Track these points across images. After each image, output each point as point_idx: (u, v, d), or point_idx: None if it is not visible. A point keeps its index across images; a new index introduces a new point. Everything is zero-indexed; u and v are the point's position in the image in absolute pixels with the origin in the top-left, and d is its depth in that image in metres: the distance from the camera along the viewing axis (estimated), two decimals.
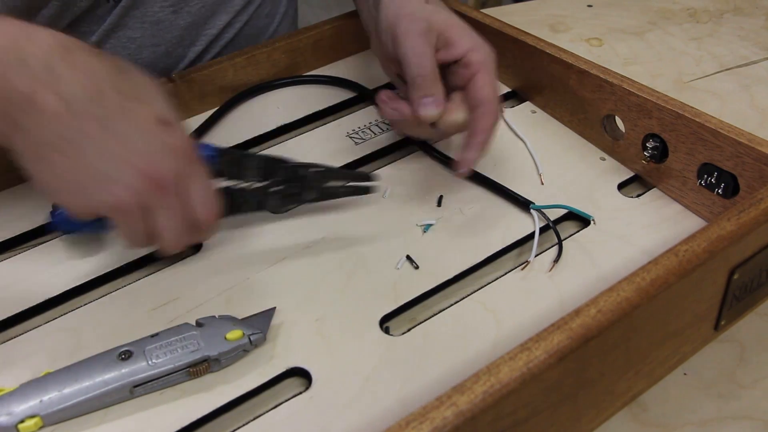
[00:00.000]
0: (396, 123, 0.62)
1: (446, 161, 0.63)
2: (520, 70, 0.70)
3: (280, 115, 0.70)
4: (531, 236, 0.57)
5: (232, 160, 0.53)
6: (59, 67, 0.44)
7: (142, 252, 0.56)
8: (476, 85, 0.56)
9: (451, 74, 0.57)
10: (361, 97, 0.73)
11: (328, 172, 0.56)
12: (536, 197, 0.60)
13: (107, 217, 0.46)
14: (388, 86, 0.71)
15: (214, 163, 0.51)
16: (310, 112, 0.71)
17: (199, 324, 0.49)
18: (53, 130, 0.44)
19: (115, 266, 0.56)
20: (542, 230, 0.58)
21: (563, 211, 0.59)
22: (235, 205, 0.54)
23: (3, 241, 0.58)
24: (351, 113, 0.71)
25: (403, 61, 0.55)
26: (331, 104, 0.72)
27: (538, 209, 0.57)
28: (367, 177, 0.58)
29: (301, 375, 0.48)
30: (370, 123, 0.69)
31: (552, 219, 0.58)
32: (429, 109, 0.55)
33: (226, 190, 0.53)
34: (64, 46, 0.45)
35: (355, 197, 0.59)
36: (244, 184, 0.54)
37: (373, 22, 0.61)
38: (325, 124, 0.70)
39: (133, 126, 0.45)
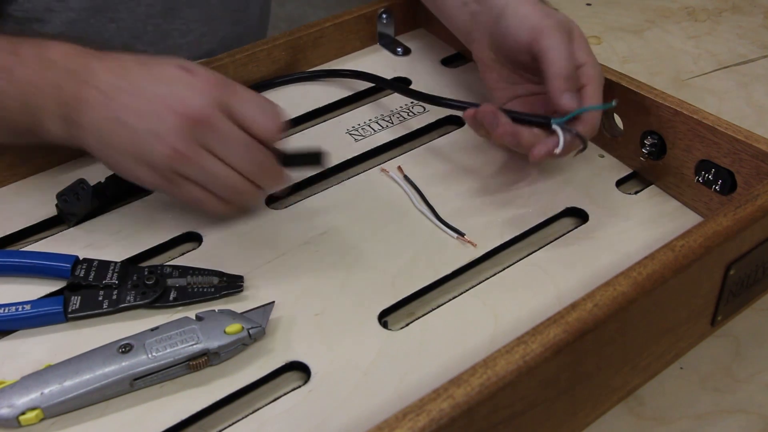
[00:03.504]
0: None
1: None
2: None
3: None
4: (529, 233, 0.58)
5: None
6: (94, 65, 0.52)
7: (145, 246, 0.56)
8: (585, 95, 0.56)
9: None
10: (372, 90, 0.73)
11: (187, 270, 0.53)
12: (536, 195, 0.61)
13: (179, 176, 0.51)
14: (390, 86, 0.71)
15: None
16: (310, 109, 0.71)
17: (198, 318, 0.49)
18: (101, 116, 0.51)
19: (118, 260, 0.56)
20: (542, 225, 0.58)
21: (562, 208, 0.60)
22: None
23: (9, 234, 0.58)
24: (351, 110, 0.71)
25: (546, 54, 0.56)
26: (331, 101, 0.72)
27: (560, 123, 0.55)
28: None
29: (300, 369, 0.49)
30: (369, 120, 0.69)
31: (551, 215, 0.59)
32: (570, 102, 0.55)
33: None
34: (94, 53, 0.53)
35: None
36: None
37: (481, 27, 0.62)
38: (324, 121, 0.70)
39: (158, 81, 0.51)
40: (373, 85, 0.73)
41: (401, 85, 0.72)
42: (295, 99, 0.72)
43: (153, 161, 0.51)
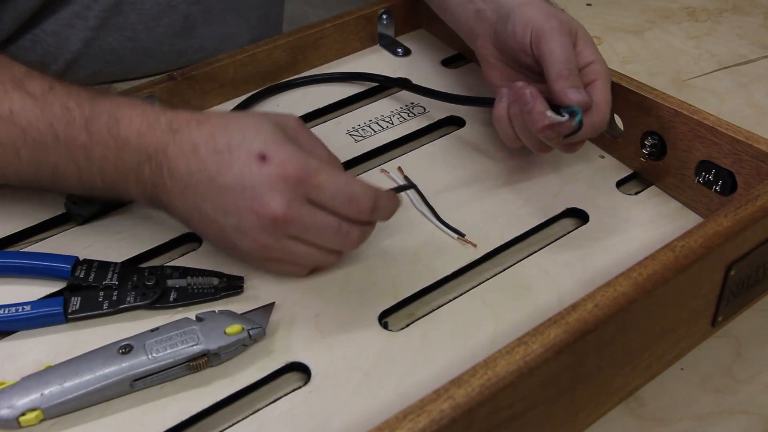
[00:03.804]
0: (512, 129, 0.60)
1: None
2: None
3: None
4: (529, 234, 0.58)
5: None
6: (168, 149, 0.50)
7: (145, 247, 0.56)
8: (595, 89, 0.56)
9: None
10: (372, 91, 0.73)
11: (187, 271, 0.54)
12: (536, 196, 0.61)
13: (269, 260, 0.52)
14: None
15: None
16: (311, 110, 0.71)
17: (199, 318, 0.49)
18: (182, 204, 0.51)
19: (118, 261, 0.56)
20: (542, 226, 0.58)
21: (562, 208, 0.60)
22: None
23: (9, 235, 0.58)
24: (351, 111, 0.71)
25: (548, 56, 0.56)
26: (331, 102, 0.72)
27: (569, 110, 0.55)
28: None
29: (300, 369, 0.49)
30: (370, 120, 0.69)
31: (552, 216, 0.59)
32: (576, 95, 0.55)
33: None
34: (166, 127, 0.51)
35: None
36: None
37: (486, 25, 0.62)
38: (325, 121, 0.70)
39: (233, 176, 0.48)
40: (373, 85, 0.73)
41: (428, 88, 0.71)
42: (295, 100, 0.72)
43: (243, 252, 0.51)
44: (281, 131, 0.50)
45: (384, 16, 0.78)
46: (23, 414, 0.44)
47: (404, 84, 0.72)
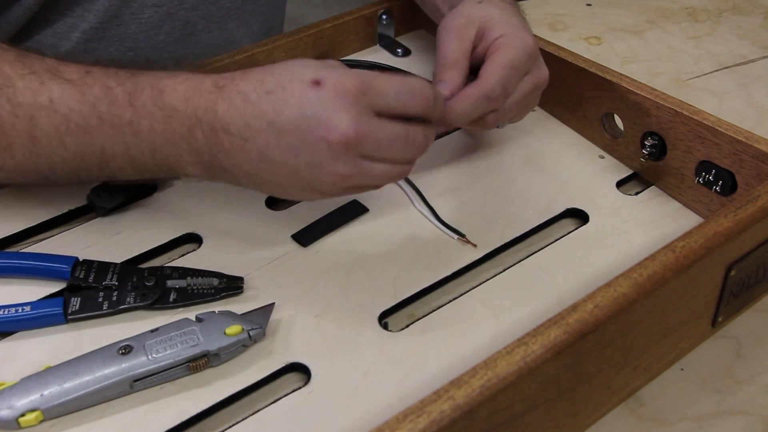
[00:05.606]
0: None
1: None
2: None
3: None
4: (529, 234, 0.58)
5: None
6: (217, 108, 0.48)
7: (145, 248, 0.56)
8: (485, 63, 0.55)
9: None
10: None
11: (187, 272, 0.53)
12: (536, 196, 0.61)
13: (350, 188, 0.49)
14: None
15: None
16: None
17: (198, 319, 0.49)
18: (244, 160, 0.48)
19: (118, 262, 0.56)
20: (542, 226, 0.58)
21: (562, 208, 0.60)
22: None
23: (9, 235, 0.58)
24: None
25: (437, 53, 0.56)
26: None
27: None
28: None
29: (300, 370, 0.49)
30: None
31: (552, 216, 0.59)
32: (439, 88, 0.54)
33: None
34: (212, 88, 0.49)
35: None
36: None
37: (439, 18, 0.62)
38: None
39: (291, 109, 0.46)
40: None
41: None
42: None
43: (321, 189, 0.49)
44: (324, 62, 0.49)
45: (384, 17, 0.78)
46: (23, 415, 0.44)
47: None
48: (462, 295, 0.53)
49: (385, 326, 0.51)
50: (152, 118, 0.49)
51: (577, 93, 0.65)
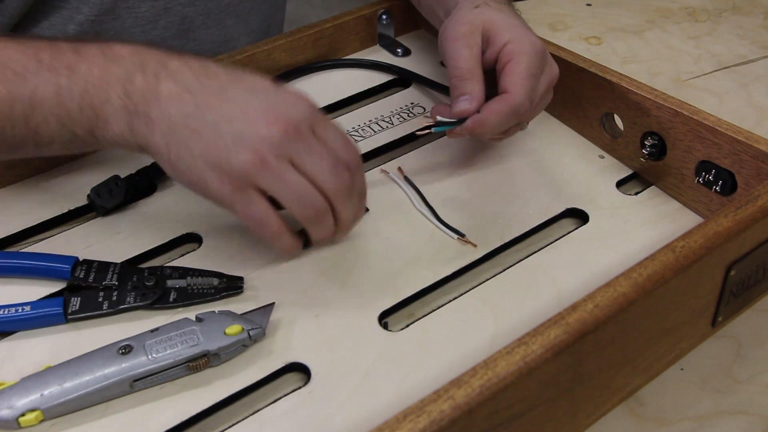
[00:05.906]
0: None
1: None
2: None
3: None
4: (529, 234, 0.58)
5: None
6: (173, 62, 0.49)
7: (145, 248, 0.56)
8: (504, 73, 0.55)
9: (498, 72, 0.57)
10: (372, 91, 0.73)
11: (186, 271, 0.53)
12: (536, 196, 0.61)
13: (253, 188, 0.47)
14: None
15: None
16: None
17: (198, 319, 0.49)
18: (177, 110, 0.47)
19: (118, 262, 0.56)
20: (542, 226, 0.58)
21: (562, 208, 0.60)
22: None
23: (9, 235, 0.58)
24: (351, 111, 0.71)
25: (447, 65, 0.56)
26: (331, 102, 0.72)
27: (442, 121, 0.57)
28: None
29: (300, 370, 0.49)
30: (369, 121, 0.69)
31: (552, 216, 0.59)
32: (462, 105, 0.55)
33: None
34: (170, 52, 0.50)
35: None
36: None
37: (438, 23, 0.62)
38: None
39: (250, 89, 0.48)
40: (373, 85, 0.73)
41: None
42: None
43: (230, 167, 0.46)
44: None
45: (384, 17, 0.78)
46: (23, 414, 0.44)
47: (408, 75, 0.72)
48: (462, 294, 0.53)
49: (385, 326, 0.51)
50: (92, 62, 0.49)
51: (577, 93, 0.65)
